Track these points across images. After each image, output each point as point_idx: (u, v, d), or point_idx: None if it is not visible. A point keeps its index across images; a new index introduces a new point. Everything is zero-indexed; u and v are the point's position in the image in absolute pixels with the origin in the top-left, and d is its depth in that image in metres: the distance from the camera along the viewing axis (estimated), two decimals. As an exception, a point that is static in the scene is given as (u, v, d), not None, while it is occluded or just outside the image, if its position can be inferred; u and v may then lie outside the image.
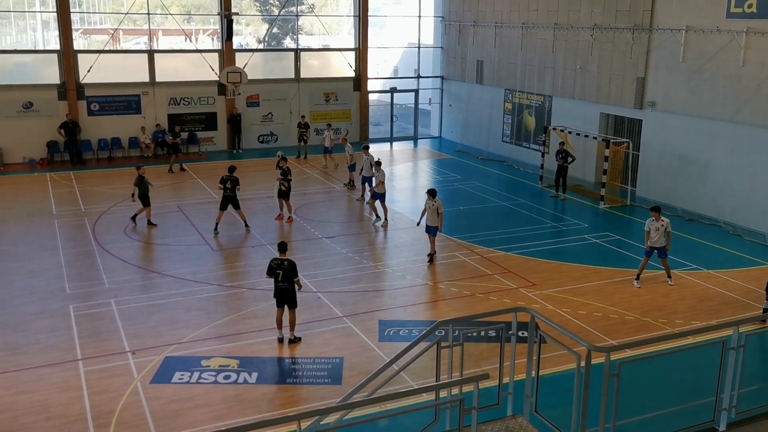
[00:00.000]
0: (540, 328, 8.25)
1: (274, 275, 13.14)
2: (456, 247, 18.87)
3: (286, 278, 13.07)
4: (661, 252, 16.24)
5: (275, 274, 13.12)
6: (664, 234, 16.12)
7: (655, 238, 16.15)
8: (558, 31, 27.15)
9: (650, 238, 16.19)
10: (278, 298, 13.24)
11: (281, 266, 13.11)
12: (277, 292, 13.22)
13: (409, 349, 8.36)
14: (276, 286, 13.19)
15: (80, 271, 16.92)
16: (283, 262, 13.14)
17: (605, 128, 25.72)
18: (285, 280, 13.07)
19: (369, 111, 34.60)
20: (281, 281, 13.09)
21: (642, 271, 16.44)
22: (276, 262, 13.18)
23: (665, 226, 16.17)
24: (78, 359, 12.57)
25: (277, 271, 13.09)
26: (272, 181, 25.86)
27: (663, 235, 16.14)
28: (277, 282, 13.13)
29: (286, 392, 11.62)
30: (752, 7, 19.82)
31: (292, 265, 13.15)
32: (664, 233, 16.14)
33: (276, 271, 13.10)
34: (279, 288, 13.16)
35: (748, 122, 20.30)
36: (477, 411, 7.09)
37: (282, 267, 13.10)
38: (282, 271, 13.07)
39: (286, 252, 13.36)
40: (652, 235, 16.17)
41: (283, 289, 13.13)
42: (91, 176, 26.72)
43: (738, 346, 7.71)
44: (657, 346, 10.95)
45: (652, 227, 16.18)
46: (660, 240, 16.15)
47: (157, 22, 31.09)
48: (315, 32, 35.44)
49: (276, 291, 13.24)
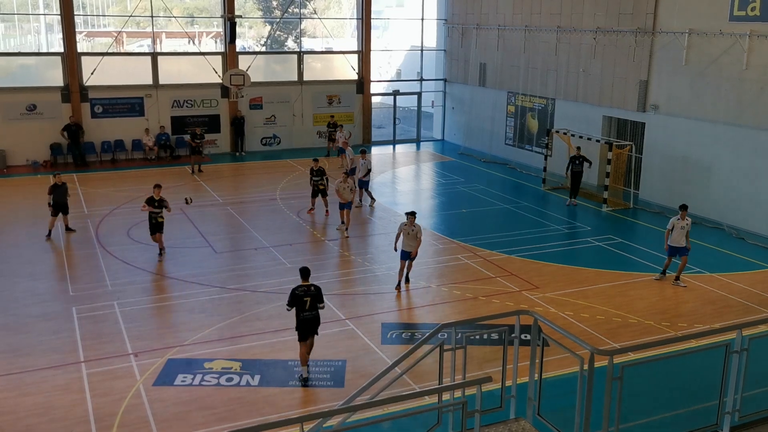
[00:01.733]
0: (543, 331, 8.23)
1: (300, 304, 11.75)
2: (459, 250, 18.86)
3: (312, 306, 11.82)
4: (683, 251, 16.32)
5: (302, 302, 11.72)
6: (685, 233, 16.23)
7: (676, 237, 16.22)
8: (561, 33, 27.15)
9: (671, 237, 16.25)
10: (303, 330, 11.88)
11: (308, 293, 11.76)
12: (303, 323, 11.81)
13: (411, 351, 8.35)
14: (301, 316, 11.79)
15: (83, 274, 16.94)
16: (309, 288, 11.80)
17: (608, 131, 25.70)
18: (312, 308, 11.82)
19: (372, 114, 34.61)
20: (308, 310, 11.77)
21: (667, 268, 16.69)
22: (301, 289, 11.79)
23: (689, 226, 16.27)
24: (81, 361, 12.58)
25: (305, 299, 11.72)
26: (275, 183, 25.94)
27: (685, 234, 16.21)
28: (303, 311, 11.74)
29: (288, 395, 11.61)
30: (755, 10, 19.80)
31: (318, 291, 11.88)
32: (685, 233, 16.24)
33: (303, 299, 11.72)
34: (305, 318, 11.78)
35: (752, 125, 20.28)
36: (480, 414, 7.08)
37: (309, 293, 11.76)
38: (309, 298, 11.75)
39: (309, 278, 12.04)
40: (673, 234, 16.22)
41: (310, 318, 11.84)
42: (94, 178, 26.75)
43: (741, 350, 7.69)
44: (660, 350, 10.90)
45: (677, 225, 16.23)
46: (681, 239, 16.24)
47: (161, 24, 31.16)
48: (318, 35, 35.48)
49: (300, 323, 11.82)
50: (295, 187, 25.34)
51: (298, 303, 11.77)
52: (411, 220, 15.82)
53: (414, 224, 15.84)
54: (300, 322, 11.86)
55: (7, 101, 28.00)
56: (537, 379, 8.05)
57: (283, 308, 14.82)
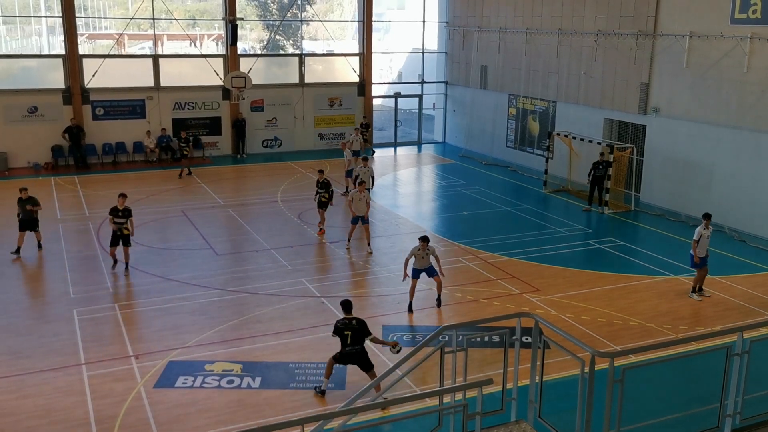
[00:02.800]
0: (544, 334, 8.22)
1: (342, 338, 11.37)
2: (460, 252, 18.86)
3: (356, 341, 11.25)
4: (706, 260, 15.94)
5: (343, 336, 11.34)
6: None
7: (704, 246, 15.79)
8: (562, 36, 27.17)
9: (699, 246, 15.74)
10: (346, 362, 11.58)
11: (349, 326, 11.33)
12: (345, 357, 11.43)
13: (413, 354, 8.35)
14: (344, 351, 11.39)
15: (84, 276, 16.94)
16: (350, 321, 11.37)
17: (609, 134, 25.70)
18: (355, 343, 11.25)
19: (373, 116, 34.63)
20: (350, 344, 11.27)
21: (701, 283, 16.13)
22: (342, 322, 11.42)
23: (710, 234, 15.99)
24: (81, 363, 12.58)
25: (345, 332, 11.29)
26: (276, 185, 25.95)
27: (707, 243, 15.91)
28: (345, 345, 11.34)
29: (289, 397, 11.61)
30: (756, 12, 19.79)
31: (362, 325, 11.37)
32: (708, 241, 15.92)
33: (344, 332, 11.31)
34: (347, 353, 11.36)
35: (753, 128, 20.27)
36: (481, 416, 7.08)
37: (350, 327, 11.32)
38: (351, 332, 11.27)
39: (352, 311, 11.58)
40: (702, 243, 15.76)
41: (353, 353, 11.33)
42: (95, 181, 26.77)
43: (742, 353, 7.68)
44: (661, 352, 10.90)
45: (704, 234, 15.79)
46: (705, 249, 15.89)
47: (162, 27, 31.21)
48: (319, 37, 35.52)
49: (342, 357, 11.44)
50: (296, 190, 25.36)
51: (340, 336, 11.41)
52: (423, 246, 14.71)
53: (428, 248, 14.77)
54: (342, 356, 11.45)
55: (8, 103, 28.04)
56: (538, 381, 8.05)
57: (284, 310, 14.93)
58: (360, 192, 18.71)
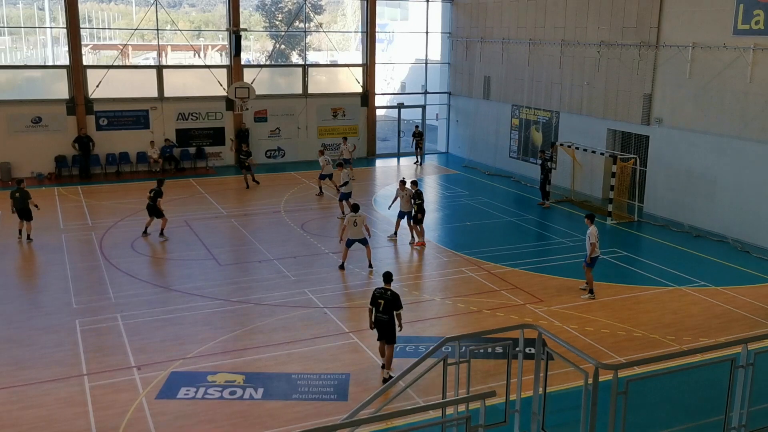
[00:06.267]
0: (547, 345, 8.20)
1: (375, 305, 12.47)
2: (463, 263, 18.83)
3: (387, 310, 12.35)
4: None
5: (377, 303, 12.44)
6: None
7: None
8: (565, 47, 27.21)
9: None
10: (378, 330, 12.55)
11: (383, 296, 12.44)
12: (376, 323, 12.51)
13: (416, 365, 8.33)
14: (375, 317, 12.48)
15: (87, 286, 16.94)
16: (386, 291, 12.49)
17: (612, 144, 25.70)
18: (386, 311, 12.36)
19: (376, 126, 34.68)
20: (381, 312, 12.37)
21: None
22: (379, 291, 12.55)
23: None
24: (83, 374, 12.55)
25: (379, 300, 12.42)
26: (279, 196, 25.96)
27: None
28: (378, 312, 12.42)
29: (291, 408, 11.56)
30: (759, 23, 19.81)
31: (395, 297, 12.44)
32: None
33: (378, 300, 12.44)
34: (378, 319, 12.44)
35: (756, 139, 20.25)
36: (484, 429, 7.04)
37: (384, 297, 12.42)
38: (384, 300, 12.38)
39: (391, 283, 12.72)
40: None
41: (383, 321, 12.39)
42: (98, 191, 26.82)
43: (747, 365, 7.65)
44: (665, 364, 10.86)
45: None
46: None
47: (166, 37, 31.31)
48: (323, 48, 35.64)
49: (374, 323, 12.53)
50: (299, 200, 25.37)
51: (374, 303, 12.51)
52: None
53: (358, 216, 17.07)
54: (374, 322, 12.53)
55: (12, 114, 28.13)
56: (541, 393, 8.02)
57: (288, 321, 14.91)
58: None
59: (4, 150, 28.05)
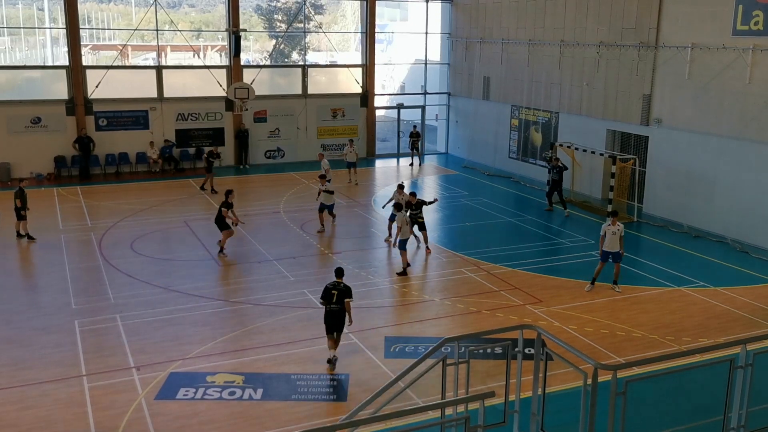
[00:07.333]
0: (546, 346, 8.20)
1: (328, 297, 12.90)
2: (462, 263, 18.83)
3: (339, 300, 12.86)
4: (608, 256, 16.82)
5: (329, 295, 12.88)
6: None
7: (610, 241, 16.64)
8: (564, 47, 27.21)
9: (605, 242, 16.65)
10: (328, 324, 12.91)
11: (337, 287, 12.94)
12: (328, 315, 12.90)
13: (415, 365, 8.33)
14: (328, 309, 12.88)
15: (86, 287, 16.94)
16: (338, 284, 13.02)
17: (612, 145, 25.70)
18: (339, 301, 12.85)
19: (376, 127, 34.68)
20: (335, 303, 12.83)
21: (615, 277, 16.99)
22: (332, 284, 13.04)
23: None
24: (83, 375, 12.55)
25: (333, 291, 12.89)
26: (279, 196, 25.95)
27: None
28: (330, 303, 12.85)
29: (291, 409, 11.57)
30: (758, 24, 19.82)
31: (347, 288, 13.03)
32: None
33: (331, 292, 12.89)
34: (331, 310, 12.87)
35: (755, 139, 20.26)
36: (483, 429, 7.04)
37: (338, 288, 12.93)
38: (338, 291, 12.88)
39: (343, 277, 13.18)
40: (608, 239, 16.60)
41: (335, 311, 12.85)
42: (98, 191, 26.80)
43: (746, 365, 7.65)
44: (664, 364, 10.86)
45: (608, 231, 16.60)
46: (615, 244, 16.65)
47: (166, 38, 31.30)
48: (322, 48, 35.63)
49: (327, 315, 12.92)
50: (298, 201, 25.37)
51: (327, 296, 12.93)
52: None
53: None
54: (326, 314, 12.95)
55: (12, 114, 28.12)
56: (540, 393, 8.02)
57: (286, 321, 14.90)
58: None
59: (3, 150, 28.01)
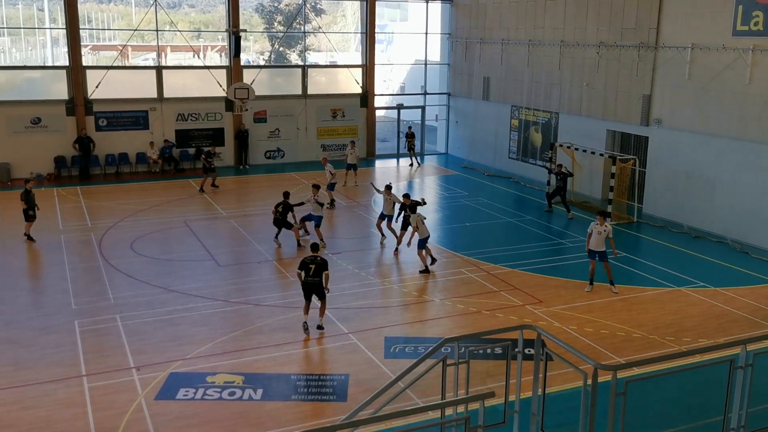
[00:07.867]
0: (546, 346, 8.20)
1: (306, 269, 13.82)
2: (462, 264, 18.83)
3: (317, 272, 13.82)
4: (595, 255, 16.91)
5: (307, 268, 13.82)
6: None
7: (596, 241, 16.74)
8: (564, 48, 27.21)
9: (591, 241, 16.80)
10: (306, 291, 13.98)
11: (314, 261, 13.91)
12: (306, 286, 13.92)
13: (415, 366, 8.33)
14: (305, 280, 13.88)
15: (86, 287, 16.93)
16: (316, 257, 13.99)
17: (612, 145, 25.70)
18: (317, 274, 13.82)
19: (376, 127, 34.68)
20: (312, 276, 13.82)
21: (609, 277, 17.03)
22: (309, 258, 14.00)
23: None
24: (82, 375, 12.55)
25: (310, 265, 13.84)
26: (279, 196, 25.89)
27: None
28: (308, 276, 13.83)
29: (291, 409, 11.57)
30: (758, 24, 19.83)
31: (324, 261, 14.02)
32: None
33: (309, 265, 13.84)
34: (308, 282, 13.88)
35: (755, 139, 20.26)
36: (483, 429, 7.04)
37: (315, 261, 13.89)
38: (315, 265, 13.83)
39: (318, 251, 14.30)
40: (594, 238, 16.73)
41: (314, 283, 13.88)
42: (98, 191, 26.80)
43: (746, 365, 7.65)
44: (664, 365, 10.87)
45: (594, 230, 16.72)
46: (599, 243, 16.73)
47: (166, 38, 31.30)
48: (322, 49, 35.62)
49: (305, 285, 13.94)
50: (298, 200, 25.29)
51: (305, 268, 13.90)
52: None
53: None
54: (304, 285, 14.00)
55: (12, 114, 28.12)
56: (540, 394, 8.02)
57: (287, 321, 14.90)
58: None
59: (3, 151, 28.00)
